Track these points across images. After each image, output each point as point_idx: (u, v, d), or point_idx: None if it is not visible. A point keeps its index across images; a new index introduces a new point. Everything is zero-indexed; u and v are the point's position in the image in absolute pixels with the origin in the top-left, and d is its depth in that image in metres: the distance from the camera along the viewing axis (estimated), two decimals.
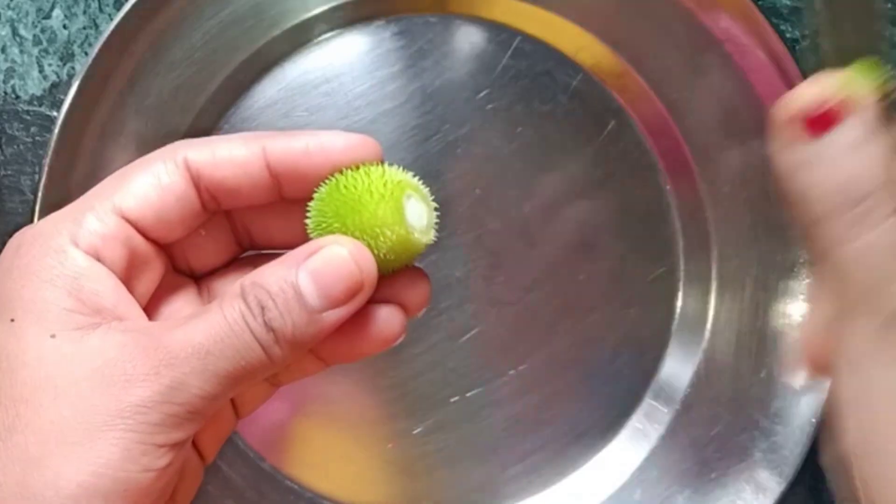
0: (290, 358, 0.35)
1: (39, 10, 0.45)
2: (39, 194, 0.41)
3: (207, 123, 0.44)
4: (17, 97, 0.44)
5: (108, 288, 0.36)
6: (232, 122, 0.44)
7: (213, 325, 0.34)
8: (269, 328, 0.34)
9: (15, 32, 0.44)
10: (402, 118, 0.45)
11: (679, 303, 0.46)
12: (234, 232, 0.40)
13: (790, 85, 0.44)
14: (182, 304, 0.39)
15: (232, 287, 0.35)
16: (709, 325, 0.46)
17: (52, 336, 0.34)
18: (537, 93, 0.45)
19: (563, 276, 0.46)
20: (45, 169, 0.41)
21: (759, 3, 0.44)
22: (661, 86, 0.45)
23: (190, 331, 0.34)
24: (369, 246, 0.35)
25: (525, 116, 0.45)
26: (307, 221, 0.36)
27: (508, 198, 0.45)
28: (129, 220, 0.36)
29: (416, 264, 0.37)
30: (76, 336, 0.34)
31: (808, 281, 0.45)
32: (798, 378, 0.45)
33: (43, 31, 0.45)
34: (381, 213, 0.35)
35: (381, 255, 0.35)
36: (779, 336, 0.45)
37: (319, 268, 0.34)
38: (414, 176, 0.36)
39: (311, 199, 0.36)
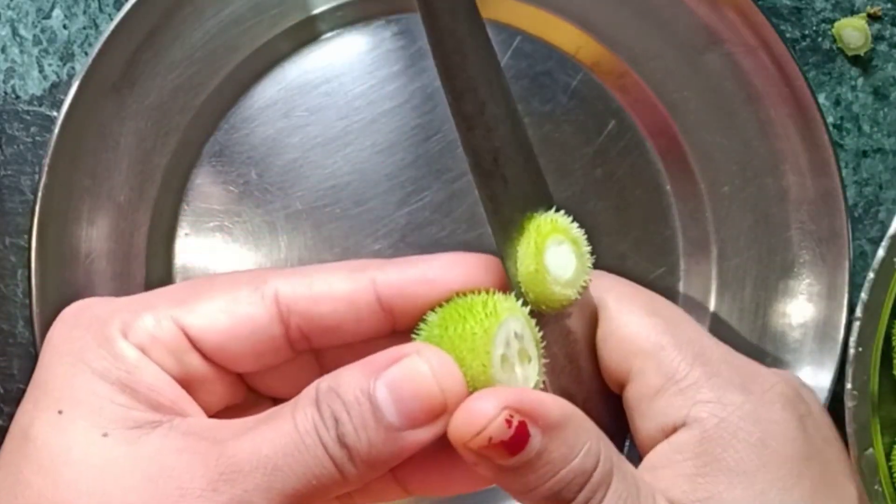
0: (367, 478, 0.31)
1: (39, 10, 0.45)
2: (39, 194, 0.41)
3: (207, 123, 0.44)
4: (17, 97, 0.44)
5: (163, 383, 0.32)
6: (232, 122, 0.44)
7: (282, 435, 0.30)
8: (343, 444, 0.30)
9: (15, 32, 0.44)
10: (402, 118, 0.45)
11: (679, 303, 0.46)
12: (321, 366, 0.36)
13: (790, 85, 0.44)
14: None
15: (308, 388, 0.31)
16: (709, 325, 0.46)
17: (105, 435, 0.31)
18: (537, 93, 0.45)
19: None
20: (45, 169, 0.41)
21: (759, 3, 0.44)
22: (661, 86, 0.45)
23: (258, 439, 0.30)
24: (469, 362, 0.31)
25: (525, 116, 0.45)
26: (415, 335, 0.33)
27: None
28: (188, 336, 0.33)
29: None
30: (131, 437, 0.31)
31: (807, 281, 0.45)
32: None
33: (43, 31, 0.45)
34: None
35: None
36: (779, 336, 0.45)
37: (398, 381, 0.31)
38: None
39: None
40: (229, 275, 0.35)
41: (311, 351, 0.35)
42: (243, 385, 0.35)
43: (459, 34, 0.32)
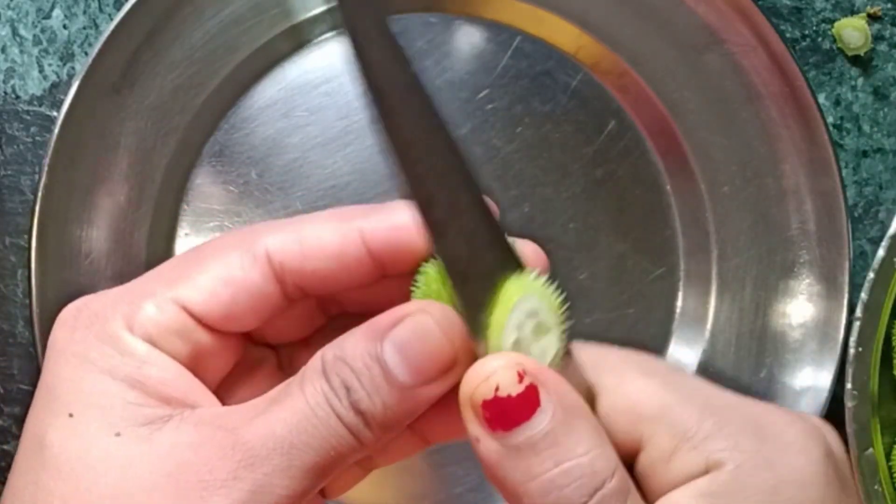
0: (384, 440, 0.31)
1: (39, 10, 0.45)
2: (39, 194, 0.41)
3: (207, 123, 0.44)
4: (17, 97, 0.44)
5: (173, 375, 0.32)
6: (232, 122, 0.44)
7: (294, 413, 0.30)
8: (358, 410, 0.30)
9: (15, 32, 0.44)
10: None
11: (679, 303, 0.46)
12: (320, 305, 0.36)
13: (790, 85, 0.44)
14: (260, 380, 0.35)
15: (313, 360, 0.31)
16: (709, 325, 0.46)
17: (118, 434, 0.31)
18: (537, 93, 0.45)
19: (563, 276, 0.46)
20: (45, 169, 0.41)
21: (759, 3, 0.44)
22: (661, 86, 0.45)
23: (270, 421, 0.30)
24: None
25: (525, 116, 0.45)
26: (414, 290, 0.33)
27: (508, 198, 0.45)
28: (192, 315, 0.33)
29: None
30: (144, 433, 0.31)
31: (807, 281, 0.45)
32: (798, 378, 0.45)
33: (43, 31, 0.45)
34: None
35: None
36: (779, 336, 0.45)
37: (405, 339, 0.31)
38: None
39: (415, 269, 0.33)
40: (217, 240, 0.34)
41: (309, 297, 0.35)
42: (245, 340, 0.35)
43: (422, 141, 0.31)
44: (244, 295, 0.33)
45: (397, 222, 0.33)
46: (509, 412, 0.30)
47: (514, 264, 0.33)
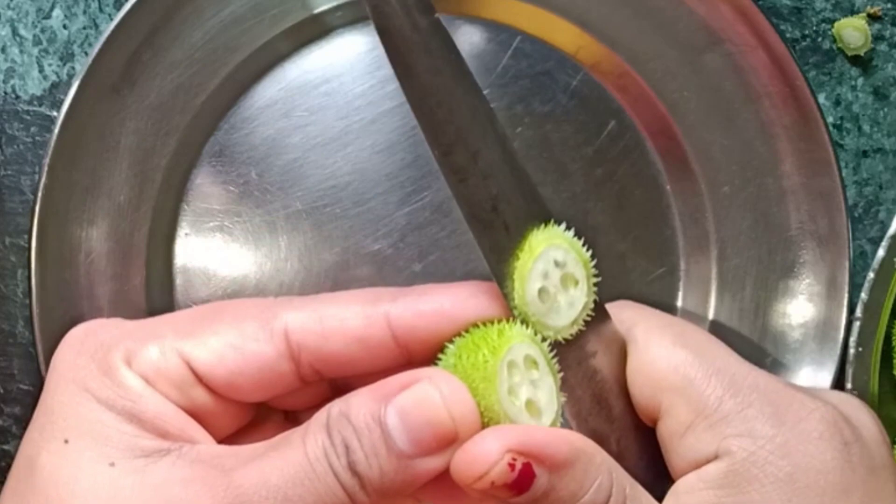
0: None
1: (39, 10, 0.45)
2: (39, 194, 0.41)
3: (207, 123, 0.44)
4: (17, 97, 0.44)
5: (169, 411, 0.32)
6: (232, 122, 0.44)
7: (292, 464, 0.30)
8: (354, 472, 0.30)
9: (15, 32, 0.44)
10: (402, 118, 0.45)
11: (679, 303, 0.46)
12: (333, 386, 0.35)
13: (790, 85, 0.44)
14: (265, 433, 0.34)
15: (319, 413, 0.31)
16: (709, 326, 0.46)
17: (112, 464, 0.30)
18: (537, 93, 0.45)
19: None
20: (45, 169, 0.41)
21: (759, 3, 0.44)
22: (661, 86, 0.45)
23: (266, 468, 0.30)
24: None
25: (525, 116, 0.45)
26: (437, 363, 0.32)
27: None
28: (194, 372, 0.32)
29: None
30: (138, 466, 0.30)
31: (807, 281, 0.45)
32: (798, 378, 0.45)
33: (43, 31, 0.45)
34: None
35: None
36: (779, 336, 0.45)
37: (408, 407, 0.30)
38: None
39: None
40: (236, 304, 0.34)
41: (323, 381, 0.35)
42: (253, 406, 0.35)
43: (442, 87, 0.31)
44: (252, 367, 0.32)
45: (426, 307, 0.32)
46: (508, 491, 0.30)
47: (542, 215, 0.32)
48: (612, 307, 0.36)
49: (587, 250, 0.34)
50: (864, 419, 0.36)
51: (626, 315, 0.35)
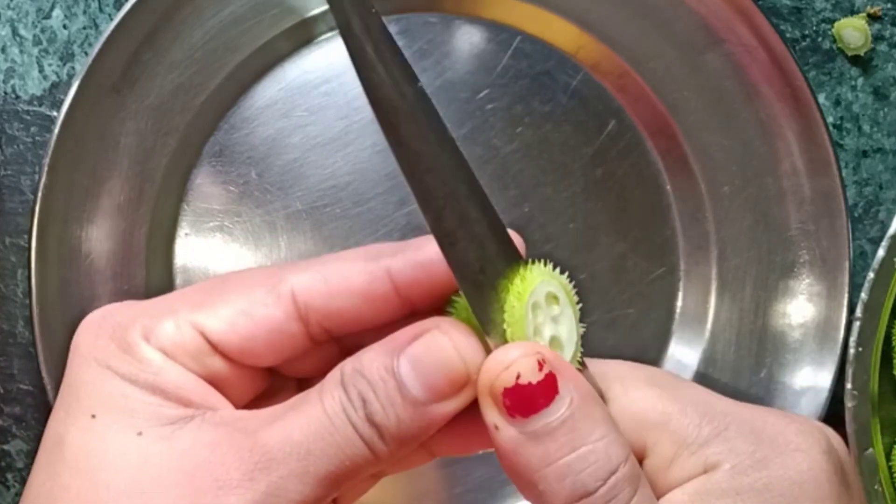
0: (399, 454, 0.32)
1: (39, 10, 0.45)
2: (39, 194, 0.41)
3: (207, 123, 0.44)
4: (17, 97, 0.44)
5: (190, 380, 0.33)
6: (232, 122, 0.44)
7: (312, 420, 0.31)
8: (373, 422, 0.31)
9: (15, 32, 0.44)
10: None
11: (679, 303, 0.46)
12: (343, 350, 0.36)
13: (790, 85, 0.44)
14: (279, 402, 0.34)
15: (333, 372, 0.32)
16: (709, 325, 0.46)
17: (139, 434, 0.31)
18: (537, 93, 0.45)
19: None
20: (45, 169, 0.41)
21: (759, 3, 0.44)
22: (661, 86, 0.45)
23: (288, 426, 0.31)
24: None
25: (525, 116, 0.45)
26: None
27: (508, 198, 0.45)
28: (208, 341, 0.33)
29: None
30: (165, 433, 0.31)
31: (807, 281, 0.45)
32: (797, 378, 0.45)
33: (43, 31, 0.45)
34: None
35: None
36: (779, 336, 0.45)
37: (420, 356, 0.31)
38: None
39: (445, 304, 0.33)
40: (244, 274, 0.35)
41: (332, 339, 0.35)
42: (268, 373, 0.36)
43: (431, 154, 0.32)
44: (263, 331, 0.33)
45: (424, 259, 0.33)
46: (529, 399, 0.31)
47: (517, 258, 0.33)
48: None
49: (566, 276, 0.35)
50: (837, 439, 0.37)
51: (595, 368, 0.36)
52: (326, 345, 0.36)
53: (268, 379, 0.36)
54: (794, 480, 0.34)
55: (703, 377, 0.46)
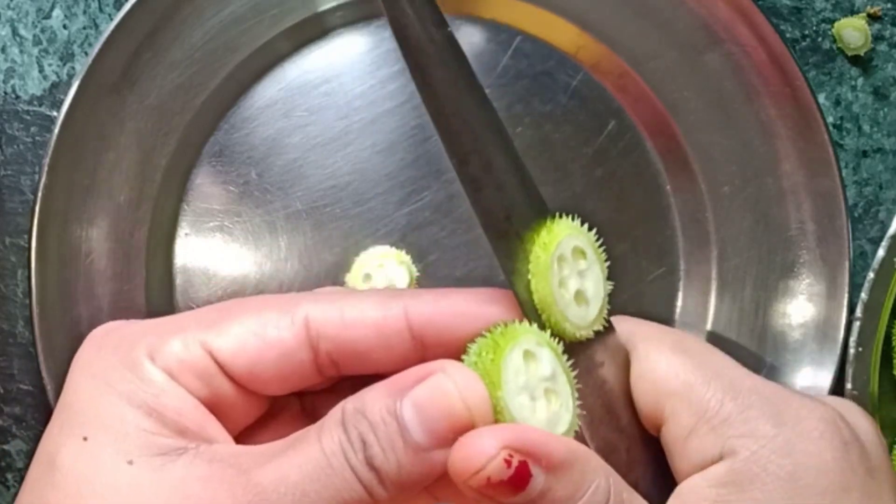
0: (398, 499, 0.31)
1: (39, 10, 0.45)
2: (39, 194, 0.41)
3: (207, 123, 0.44)
4: (17, 97, 0.44)
5: (189, 407, 0.32)
6: (232, 122, 0.44)
7: (309, 460, 0.30)
8: (372, 466, 0.30)
9: (15, 32, 0.44)
10: (402, 118, 0.45)
11: (679, 303, 0.46)
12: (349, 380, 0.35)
13: (790, 85, 0.44)
14: (282, 425, 0.35)
15: (334, 410, 0.31)
16: (709, 325, 0.46)
17: (130, 462, 0.31)
18: (537, 93, 0.45)
19: None
20: (45, 169, 0.41)
21: (759, 3, 0.44)
22: (661, 86, 0.45)
23: (284, 466, 0.30)
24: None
25: (525, 116, 0.45)
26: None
27: None
28: (216, 361, 0.33)
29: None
30: (157, 464, 0.31)
31: (807, 281, 0.45)
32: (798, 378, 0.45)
33: (43, 31, 0.45)
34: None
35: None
36: (779, 336, 0.45)
37: (424, 399, 0.30)
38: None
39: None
40: (259, 298, 0.35)
41: (340, 377, 0.35)
42: (269, 400, 0.35)
43: (458, 98, 0.32)
44: (272, 354, 0.33)
45: (443, 305, 0.33)
46: (504, 491, 0.30)
47: (545, 211, 0.34)
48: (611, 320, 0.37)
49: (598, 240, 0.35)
50: (862, 422, 0.36)
51: (624, 327, 0.36)
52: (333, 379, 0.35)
53: (268, 402, 0.35)
54: (819, 469, 0.33)
55: None
